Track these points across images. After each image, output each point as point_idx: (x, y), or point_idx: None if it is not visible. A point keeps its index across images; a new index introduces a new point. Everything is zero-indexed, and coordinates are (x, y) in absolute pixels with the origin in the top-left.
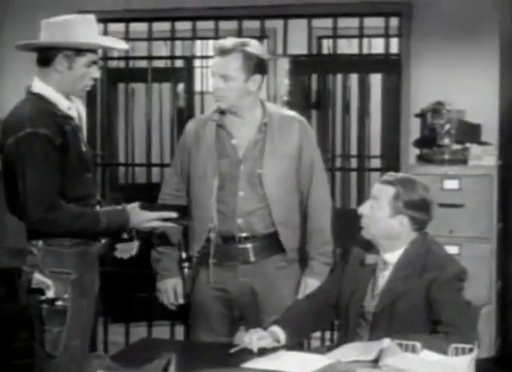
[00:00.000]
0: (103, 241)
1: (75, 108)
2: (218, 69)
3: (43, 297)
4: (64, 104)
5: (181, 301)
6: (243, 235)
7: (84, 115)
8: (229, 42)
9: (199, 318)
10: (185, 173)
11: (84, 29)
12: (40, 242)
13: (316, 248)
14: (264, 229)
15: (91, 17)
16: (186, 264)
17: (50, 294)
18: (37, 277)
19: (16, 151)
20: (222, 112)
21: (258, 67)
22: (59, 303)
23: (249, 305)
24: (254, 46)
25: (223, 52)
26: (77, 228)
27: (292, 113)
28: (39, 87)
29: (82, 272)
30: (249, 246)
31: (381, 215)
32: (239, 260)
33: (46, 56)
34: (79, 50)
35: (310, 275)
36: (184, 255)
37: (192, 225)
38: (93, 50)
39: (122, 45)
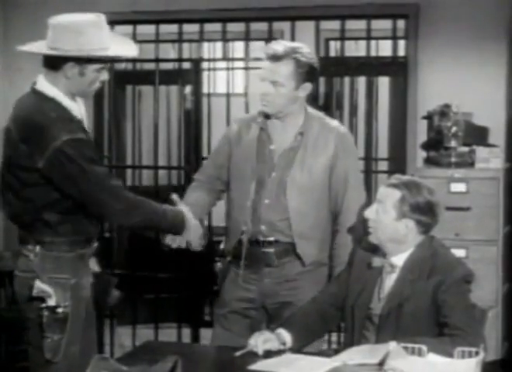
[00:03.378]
0: (95, 244)
1: (79, 111)
2: (268, 74)
3: (43, 305)
4: (75, 109)
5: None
6: (268, 239)
7: (85, 116)
8: (281, 47)
9: (221, 315)
10: (225, 169)
11: (95, 35)
12: (38, 248)
13: (341, 264)
14: (286, 238)
15: (102, 17)
16: (219, 258)
17: (52, 302)
18: (39, 285)
19: (60, 161)
20: (266, 116)
21: (309, 74)
22: (60, 310)
23: (273, 308)
24: (306, 54)
25: (275, 58)
26: (151, 212)
27: (334, 123)
28: (50, 90)
29: (80, 276)
30: (272, 250)
31: (386, 218)
32: (263, 263)
33: (55, 61)
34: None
35: None
36: (220, 248)
37: (228, 225)
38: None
39: (133, 51)
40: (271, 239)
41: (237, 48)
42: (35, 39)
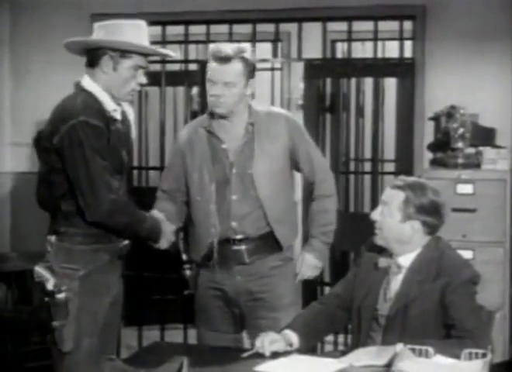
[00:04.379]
0: (125, 242)
1: (120, 112)
2: (220, 76)
3: (45, 290)
4: (110, 105)
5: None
6: (238, 237)
7: (132, 119)
8: (228, 48)
9: (203, 318)
10: (182, 179)
11: (132, 32)
12: (53, 238)
13: (318, 227)
14: (258, 230)
15: (142, 23)
16: (187, 266)
17: (50, 286)
18: (37, 270)
19: (70, 140)
20: (211, 117)
21: (253, 72)
22: (58, 296)
23: (246, 304)
24: (250, 52)
25: (226, 59)
26: (133, 219)
27: (278, 109)
28: (89, 84)
29: (93, 269)
30: (243, 247)
31: (392, 220)
32: (234, 261)
33: (92, 57)
34: (124, 52)
35: (309, 251)
36: (185, 257)
37: (195, 231)
38: (140, 54)
39: (170, 52)
40: (241, 236)
41: None
42: (43, 43)
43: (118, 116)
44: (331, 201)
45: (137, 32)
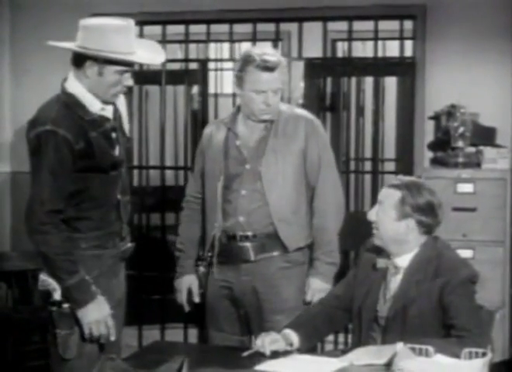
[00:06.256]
0: (129, 244)
1: (111, 109)
2: (271, 85)
3: (51, 300)
4: (95, 105)
5: (196, 299)
6: (245, 234)
7: (124, 110)
8: (274, 56)
9: (210, 316)
10: (201, 175)
11: (118, 38)
12: None
13: (319, 247)
14: (265, 227)
15: (130, 23)
16: (200, 263)
17: (57, 296)
18: (42, 278)
19: (33, 146)
20: (235, 115)
21: None
22: (66, 305)
23: (251, 304)
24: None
25: (273, 68)
26: (54, 256)
27: (301, 111)
28: (73, 87)
29: (97, 275)
30: (248, 244)
31: (387, 219)
32: (240, 258)
33: (77, 59)
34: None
35: (313, 275)
36: (200, 254)
37: (205, 225)
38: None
39: (159, 58)
40: (249, 233)
41: (244, 49)
42: (41, 42)
43: (108, 114)
44: (330, 216)
45: (124, 37)
